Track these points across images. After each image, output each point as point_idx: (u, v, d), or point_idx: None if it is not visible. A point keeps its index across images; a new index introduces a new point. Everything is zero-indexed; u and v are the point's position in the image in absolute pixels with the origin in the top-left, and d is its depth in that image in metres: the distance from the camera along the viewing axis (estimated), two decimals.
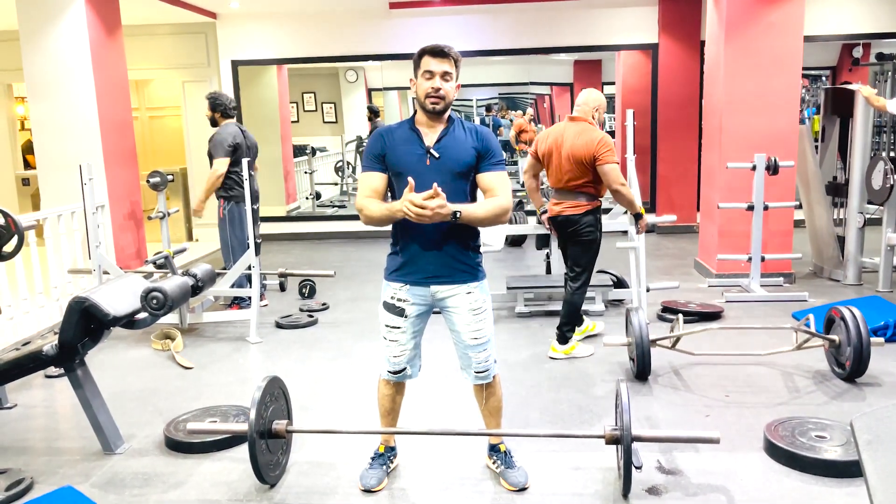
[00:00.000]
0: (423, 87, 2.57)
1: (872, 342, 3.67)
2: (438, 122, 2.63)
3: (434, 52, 2.56)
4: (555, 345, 4.31)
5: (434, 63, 2.56)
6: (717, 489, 2.76)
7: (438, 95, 2.56)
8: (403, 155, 2.61)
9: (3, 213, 3.54)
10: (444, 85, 2.56)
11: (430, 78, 2.56)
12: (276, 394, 2.92)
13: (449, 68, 2.57)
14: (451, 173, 2.59)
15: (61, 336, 3.12)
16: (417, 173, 2.56)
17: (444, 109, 2.60)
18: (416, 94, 2.61)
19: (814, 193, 6.13)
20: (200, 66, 8.79)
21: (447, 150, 2.60)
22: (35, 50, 5.98)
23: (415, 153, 2.60)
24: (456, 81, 2.61)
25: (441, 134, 2.62)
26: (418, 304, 2.70)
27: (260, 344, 4.78)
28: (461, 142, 2.62)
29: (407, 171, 2.57)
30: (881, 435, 1.64)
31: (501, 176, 2.66)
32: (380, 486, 2.83)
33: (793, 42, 5.61)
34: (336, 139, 10.93)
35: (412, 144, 2.61)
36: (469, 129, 2.66)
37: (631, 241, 4.94)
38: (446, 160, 2.59)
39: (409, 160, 2.60)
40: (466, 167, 2.61)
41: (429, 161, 2.58)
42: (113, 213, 6.11)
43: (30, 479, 2.94)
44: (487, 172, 2.63)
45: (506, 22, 8.34)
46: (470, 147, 2.62)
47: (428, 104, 2.58)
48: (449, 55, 2.57)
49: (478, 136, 2.65)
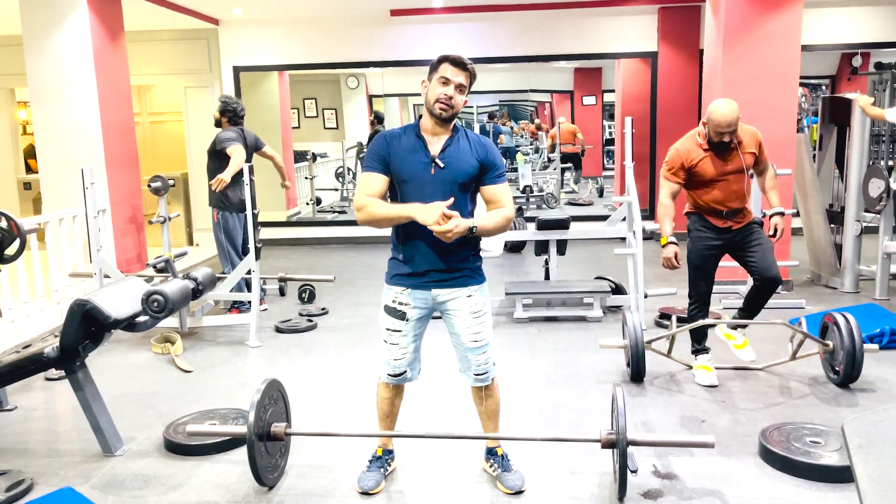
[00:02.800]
0: (436, 92, 2.60)
1: (867, 348, 3.69)
2: (444, 129, 2.66)
3: (455, 62, 2.61)
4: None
5: (452, 72, 2.59)
6: (713, 493, 2.78)
7: (449, 104, 2.59)
8: (409, 163, 2.64)
9: (6, 216, 3.57)
10: (457, 95, 2.60)
11: (445, 84, 2.59)
12: (275, 396, 2.94)
13: (464, 81, 2.61)
14: (454, 183, 2.63)
15: (62, 338, 3.15)
16: (421, 182, 2.61)
17: (450, 118, 2.64)
18: (427, 96, 2.64)
19: (811, 202, 6.17)
20: (202, 72, 8.84)
21: (452, 160, 2.63)
22: (38, 55, 6.02)
23: (420, 161, 2.63)
24: (466, 96, 2.65)
25: (446, 143, 2.65)
26: (419, 307, 2.73)
27: (259, 348, 4.81)
28: (465, 153, 2.65)
29: (411, 179, 2.62)
30: (872, 439, 1.66)
31: (505, 188, 2.72)
32: (377, 488, 2.85)
33: (790, 51, 5.65)
34: (337, 145, 10.98)
35: (417, 153, 2.64)
36: (473, 140, 2.69)
37: (629, 247, 4.96)
38: (450, 171, 2.63)
39: (413, 168, 2.63)
40: (469, 178, 2.66)
41: (433, 171, 2.62)
42: (114, 217, 6.14)
43: (30, 481, 2.96)
44: (491, 185, 2.69)
45: (506, 29, 8.39)
46: (473, 159, 2.65)
47: (437, 109, 2.61)
48: (467, 69, 2.62)
49: (481, 148, 2.68)
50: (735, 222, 3.81)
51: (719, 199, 3.76)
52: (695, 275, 3.94)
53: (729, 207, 3.77)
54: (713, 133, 3.63)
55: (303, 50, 8.61)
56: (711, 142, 3.68)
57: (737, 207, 3.79)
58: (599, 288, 5.31)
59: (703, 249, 3.87)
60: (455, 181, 2.62)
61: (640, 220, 5.05)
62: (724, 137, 3.61)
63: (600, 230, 5.74)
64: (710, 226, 3.83)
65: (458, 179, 2.63)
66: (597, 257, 7.34)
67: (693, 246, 3.91)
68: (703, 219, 3.86)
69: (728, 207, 3.77)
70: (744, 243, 3.83)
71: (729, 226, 3.81)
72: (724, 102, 3.59)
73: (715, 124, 3.60)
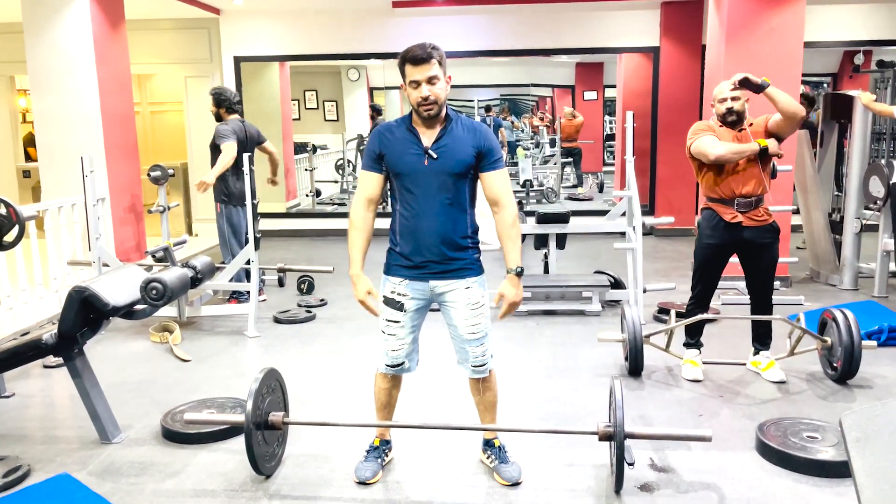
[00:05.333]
0: (413, 97, 2.57)
1: (865, 345, 3.69)
2: (436, 121, 2.64)
3: (414, 59, 2.54)
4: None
5: (417, 72, 2.54)
6: (709, 487, 2.79)
7: (429, 102, 2.56)
8: (402, 155, 2.63)
9: (5, 202, 3.57)
10: (433, 89, 2.55)
11: (416, 87, 2.55)
12: (273, 386, 2.94)
13: (433, 71, 2.54)
14: (449, 174, 2.61)
15: (61, 325, 3.14)
16: (416, 174, 2.60)
17: (438, 112, 2.61)
18: (409, 101, 2.61)
19: (811, 198, 6.16)
20: (203, 62, 8.81)
21: (446, 150, 2.61)
22: (38, 43, 6.00)
23: (413, 153, 2.62)
24: (444, 78, 2.58)
25: (439, 134, 2.63)
26: (417, 298, 2.73)
27: (258, 338, 4.81)
28: (460, 141, 2.63)
29: (405, 172, 2.62)
30: (869, 433, 1.66)
31: (503, 177, 2.69)
32: (374, 478, 2.85)
33: (793, 47, 5.63)
34: (337, 137, 10.97)
35: (410, 145, 2.63)
36: (467, 128, 2.67)
37: (629, 242, 4.96)
38: (445, 160, 2.60)
39: (407, 160, 2.62)
40: (466, 167, 2.63)
41: (427, 161, 2.60)
42: (113, 206, 6.13)
43: (27, 467, 2.96)
44: (490, 172, 2.66)
45: (508, 22, 8.36)
46: (469, 146, 2.63)
47: (423, 112, 2.59)
48: (430, 58, 2.53)
49: (477, 134, 2.65)
50: (747, 218, 3.72)
51: (731, 185, 3.69)
52: (697, 273, 3.93)
53: (741, 195, 3.70)
54: (721, 109, 3.69)
55: (304, 40, 8.58)
56: (725, 121, 3.73)
57: (749, 196, 3.69)
58: (598, 282, 5.31)
59: (706, 248, 3.84)
60: (450, 171, 2.61)
61: (640, 214, 5.04)
62: (730, 104, 3.65)
63: (600, 224, 5.74)
64: (719, 224, 3.76)
65: (454, 170, 2.61)
66: (595, 252, 7.34)
67: (699, 243, 3.90)
68: (714, 216, 3.79)
69: (740, 195, 3.70)
70: (751, 255, 3.80)
71: (739, 221, 3.72)
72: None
73: (718, 91, 3.73)
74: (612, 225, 5.50)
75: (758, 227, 3.75)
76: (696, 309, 3.94)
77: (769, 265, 3.82)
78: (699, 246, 3.89)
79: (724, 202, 3.74)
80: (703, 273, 3.90)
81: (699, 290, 3.94)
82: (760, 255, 3.79)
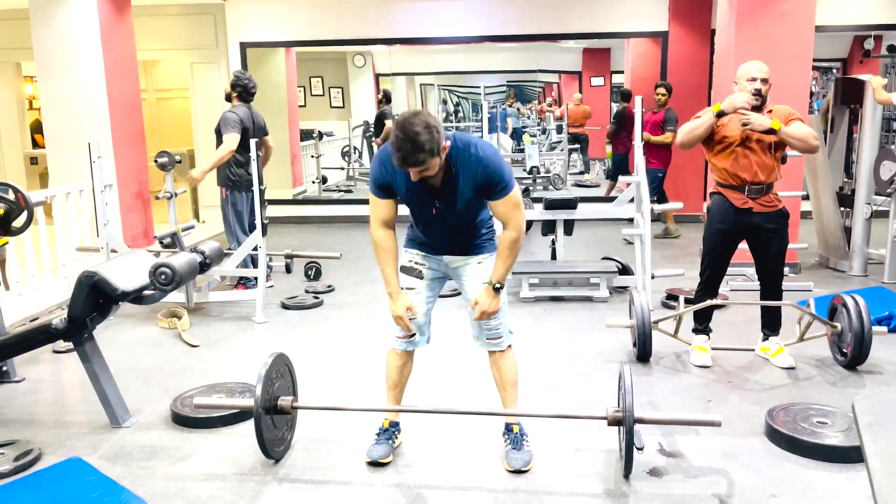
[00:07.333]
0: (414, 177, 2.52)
1: (875, 331, 3.67)
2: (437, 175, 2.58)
3: (404, 163, 2.44)
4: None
5: (411, 172, 2.50)
6: (718, 472, 2.78)
7: (426, 180, 2.55)
8: (409, 200, 2.71)
9: (13, 188, 3.57)
10: (428, 172, 2.50)
11: (413, 176, 2.51)
12: (281, 370, 2.95)
13: (426, 168, 2.46)
14: (457, 215, 2.70)
15: (70, 310, 3.15)
16: (426, 216, 2.73)
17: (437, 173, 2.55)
18: None
19: (821, 184, 6.12)
20: (209, 48, 8.79)
21: (449, 197, 2.64)
22: (45, 29, 5.99)
23: (419, 201, 2.69)
24: (440, 156, 2.48)
25: (442, 181, 2.60)
26: (434, 268, 2.86)
27: (265, 324, 4.82)
28: (462, 184, 2.61)
29: (415, 212, 2.75)
30: (882, 417, 1.66)
31: (509, 204, 2.65)
32: (387, 458, 2.88)
33: (804, 31, 5.57)
34: (343, 124, 10.95)
35: (417, 192, 2.65)
36: (468, 166, 2.58)
37: (637, 228, 4.94)
38: (451, 206, 2.67)
39: (414, 207, 2.74)
40: (473, 204, 2.69)
41: (434, 211, 2.69)
42: (121, 192, 6.13)
43: (38, 451, 2.98)
44: (496, 201, 2.67)
45: (515, 7, 8.29)
46: (471, 185, 2.61)
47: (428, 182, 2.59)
48: (418, 162, 2.42)
49: (478, 168, 2.58)
50: (758, 204, 3.68)
51: (741, 170, 3.65)
52: (707, 258, 3.90)
53: (751, 181, 3.66)
54: (749, 89, 3.61)
55: (310, 26, 8.53)
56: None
57: (760, 183, 3.65)
58: (606, 268, 5.29)
59: (716, 233, 3.81)
60: (459, 213, 2.69)
61: (648, 200, 5.01)
62: (757, 85, 3.59)
63: (608, 210, 5.71)
64: (730, 209, 3.72)
65: (462, 210, 2.68)
66: (603, 238, 7.32)
67: (708, 228, 3.86)
68: (723, 201, 3.74)
69: (750, 181, 3.66)
70: (761, 241, 3.77)
71: (749, 207, 3.69)
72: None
73: (746, 69, 3.67)
74: (620, 211, 5.48)
75: (768, 213, 3.71)
76: (705, 295, 3.93)
77: (779, 251, 3.79)
78: (708, 231, 3.86)
79: (735, 188, 3.71)
80: (712, 258, 3.88)
81: (708, 276, 3.92)
82: (770, 241, 3.76)
